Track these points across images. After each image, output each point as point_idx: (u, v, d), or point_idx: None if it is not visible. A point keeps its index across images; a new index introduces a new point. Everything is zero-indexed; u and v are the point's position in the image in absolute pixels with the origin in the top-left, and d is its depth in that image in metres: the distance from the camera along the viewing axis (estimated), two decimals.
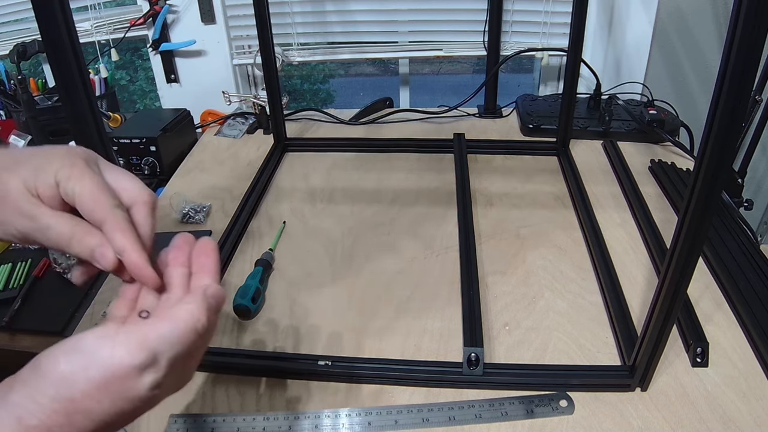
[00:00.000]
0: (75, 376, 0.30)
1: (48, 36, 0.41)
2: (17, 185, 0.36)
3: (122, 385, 0.30)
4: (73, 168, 0.36)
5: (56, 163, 0.36)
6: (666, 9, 1.21)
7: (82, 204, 0.36)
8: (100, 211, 0.36)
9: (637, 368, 0.60)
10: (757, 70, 0.43)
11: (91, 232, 0.36)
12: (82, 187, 0.36)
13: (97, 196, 0.36)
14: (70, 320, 0.75)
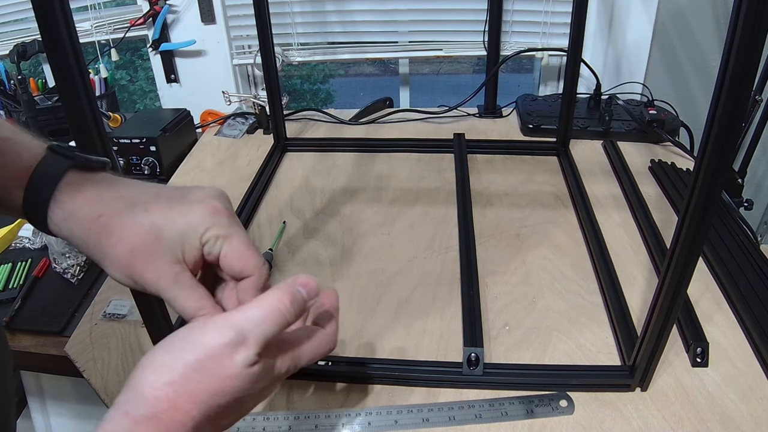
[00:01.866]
0: (172, 362, 0.32)
1: (48, 36, 0.41)
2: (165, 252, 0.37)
3: (217, 363, 0.32)
4: (220, 228, 0.38)
5: (200, 225, 0.38)
6: (666, 9, 1.21)
7: (227, 263, 0.39)
8: (247, 268, 0.39)
9: (637, 368, 0.60)
10: (757, 70, 0.43)
11: (191, 295, 0.38)
12: (230, 248, 0.39)
13: (243, 254, 0.39)
14: (70, 320, 0.75)
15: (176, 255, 0.37)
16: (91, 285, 0.82)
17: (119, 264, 0.37)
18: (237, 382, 0.32)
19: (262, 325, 0.33)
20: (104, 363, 0.67)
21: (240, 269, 0.39)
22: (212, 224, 0.38)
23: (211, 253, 0.38)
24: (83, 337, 0.71)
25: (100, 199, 0.37)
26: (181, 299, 0.37)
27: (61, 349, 0.69)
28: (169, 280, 0.37)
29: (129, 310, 0.74)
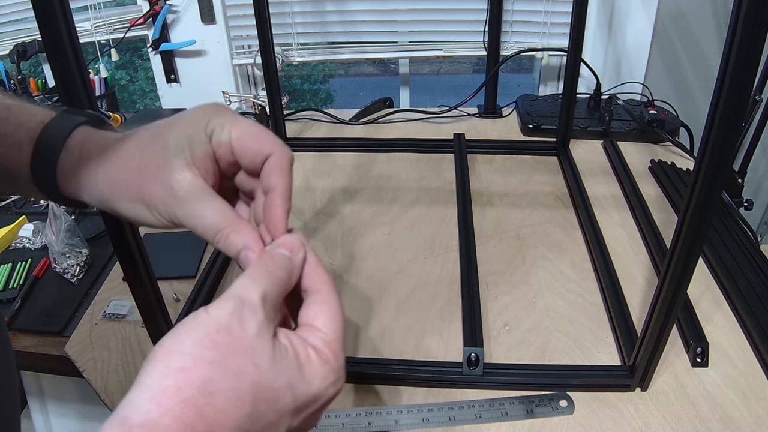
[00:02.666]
0: (180, 344, 0.26)
1: (48, 36, 0.41)
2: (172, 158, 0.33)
3: (228, 335, 0.27)
4: (224, 115, 0.35)
5: (203, 117, 0.34)
6: (666, 9, 1.21)
7: (242, 145, 0.34)
8: (265, 146, 0.34)
9: (637, 368, 0.60)
10: (757, 70, 0.43)
11: (238, 230, 0.34)
12: (240, 129, 0.34)
13: (257, 134, 0.34)
14: (70, 320, 0.75)
15: (185, 158, 0.33)
16: (91, 285, 0.82)
17: (130, 192, 0.34)
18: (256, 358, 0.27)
19: (257, 286, 0.29)
20: (104, 363, 0.67)
21: (257, 149, 0.34)
22: (215, 114, 0.35)
23: (220, 143, 0.34)
24: (83, 337, 0.71)
25: (106, 138, 0.36)
26: (198, 211, 0.33)
27: (61, 349, 0.69)
28: (182, 190, 0.33)
29: (129, 310, 0.74)
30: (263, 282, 0.30)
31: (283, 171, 0.34)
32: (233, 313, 0.28)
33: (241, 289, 0.29)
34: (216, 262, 0.81)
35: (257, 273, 0.31)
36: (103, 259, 0.86)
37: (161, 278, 0.74)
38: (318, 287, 0.33)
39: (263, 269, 0.31)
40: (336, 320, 0.32)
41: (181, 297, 0.76)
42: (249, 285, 0.30)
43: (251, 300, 0.29)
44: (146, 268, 0.56)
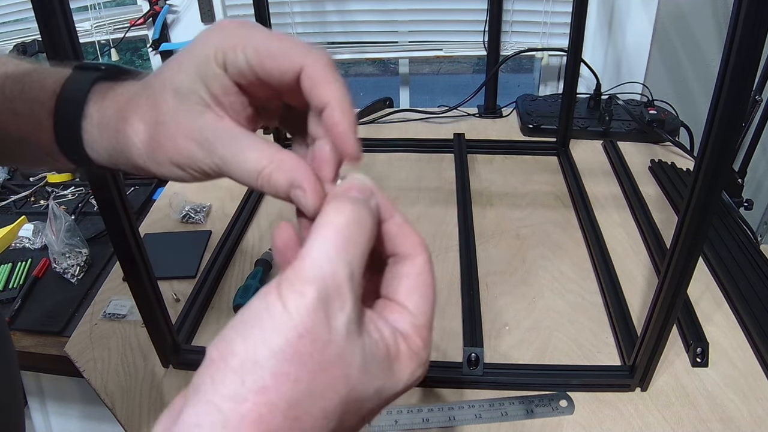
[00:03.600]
0: (257, 355, 0.20)
1: (48, 36, 0.41)
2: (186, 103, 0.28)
3: (313, 343, 0.21)
4: (231, 37, 0.28)
5: (208, 47, 0.28)
6: (666, 9, 1.21)
7: (263, 67, 0.27)
8: (290, 60, 0.27)
9: (637, 368, 0.60)
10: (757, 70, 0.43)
11: (281, 166, 0.28)
12: (253, 48, 0.27)
13: (277, 47, 0.27)
14: (70, 320, 0.75)
15: (202, 98, 0.28)
16: (91, 285, 0.82)
17: (151, 151, 0.30)
18: (345, 368, 0.22)
19: (341, 258, 0.22)
20: (104, 363, 0.67)
21: (281, 67, 0.27)
22: (222, 37, 0.28)
23: (239, 71, 0.28)
24: (83, 337, 0.71)
25: (123, 94, 0.31)
26: (230, 156, 0.28)
27: (61, 349, 0.69)
28: (207, 138, 0.28)
29: (129, 310, 0.74)
30: (349, 248, 0.23)
31: (327, 80, 0.27)
32: (317, 307, 0.21)
33: (321, 263, 0.22)
34: (216, 262, 0.81)
35: (338, 234, 0.23)
36: (103, 259, 0.86)
37: (161, 278, 0.74)
38: (411, 252, 0.26)
39: (343, 225, 0.23)
40: (430, 299, 0.26)
41: (181, 297, 0.76)
42: (332, 256, 0.22)
43: (338, 282, 0.22)
44: (146, 268, 0.56)
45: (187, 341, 0.69)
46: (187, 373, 0.65)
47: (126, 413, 0.61)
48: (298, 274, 0.22)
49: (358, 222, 0.23)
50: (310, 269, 0.22)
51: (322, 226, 0.23)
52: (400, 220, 0.26)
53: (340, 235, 0.23)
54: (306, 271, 0.22)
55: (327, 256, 0.22)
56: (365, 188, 0.26)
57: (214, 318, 0.73)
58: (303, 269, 0.22)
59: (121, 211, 0.50)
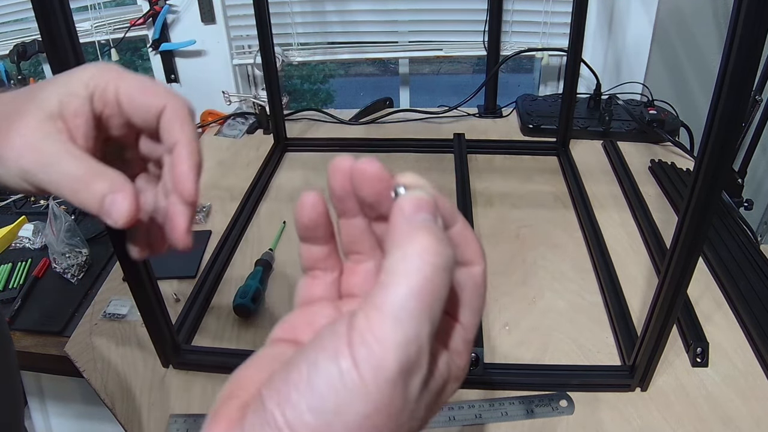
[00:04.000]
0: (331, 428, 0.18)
1: (48, 36, 0.41)
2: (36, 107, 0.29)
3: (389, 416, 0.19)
4: (111, 72, 0.30)
5: (85, 73, 0.30)
6: (666, 9, 1.21)
7: (130, 100, 0.30)
8: (156, 100, 0.30)
9: (637, 368, 0.60)
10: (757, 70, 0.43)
11: (102, 174, 0.29)
12: (126, 84, 0.30)
13: (146, 86, 0.30)
14: (70, 320, 0.75)
15: (49, 108, 0.29)
16: (91, 285, 0.82)
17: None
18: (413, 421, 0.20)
19: (423, 312, 0.19)
20: (104, 363, 0.67)
21: (147, 103, 0.30)
22: (100, 71, 0.30)
23: (106, 101, 0.30)
24: (83, 337, 0.71)
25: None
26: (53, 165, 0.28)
27: (61, 349, 0.69)
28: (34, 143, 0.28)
29: (129, 310, 0.74)
30: (434, 302, 0.19)
31: (183, 122, 0.30)
32: (397, 379, 0.18)
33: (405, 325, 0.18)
34: (216, 262, 0.81)
35: (424, 286, 0.19)
36: (103, 259, 0.86)
37: (161, 278, 0.74)
38: (471, 259, 0.23)
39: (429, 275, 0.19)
40: (481, 312, 0.24)
41: (181, 297, 0.76)
42: (417, 314, 0.18)
43: (420, 345, 0.19)
44: (146, 268, 0.56)
45: (187, 341, 0.69)
46: (187, 373, 0.65)
47: (126, 413, 0.61)
48: (376, 335, 0.18)
49: (444, 268, 0.19)
50: (391, 332, 0.18)
51: (405, 275, 0.19)
52: (461, 226, 0.23)
53: (426, 286, 0.19)
54: (386, 333, 0.18)
55: (410, 314, 0.18)
56: (432, 204, 0.21)
57: (214, 318, 0.73)
58: (383, 330, 0.18)
59: None
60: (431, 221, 0.20)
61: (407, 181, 0.23)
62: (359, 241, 0.25)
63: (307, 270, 0.26)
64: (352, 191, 0.23)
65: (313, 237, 0.25)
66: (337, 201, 0.24)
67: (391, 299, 0.18)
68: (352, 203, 0.24)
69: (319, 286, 0.26)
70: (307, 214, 0.24)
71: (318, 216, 0.24)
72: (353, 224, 0.25)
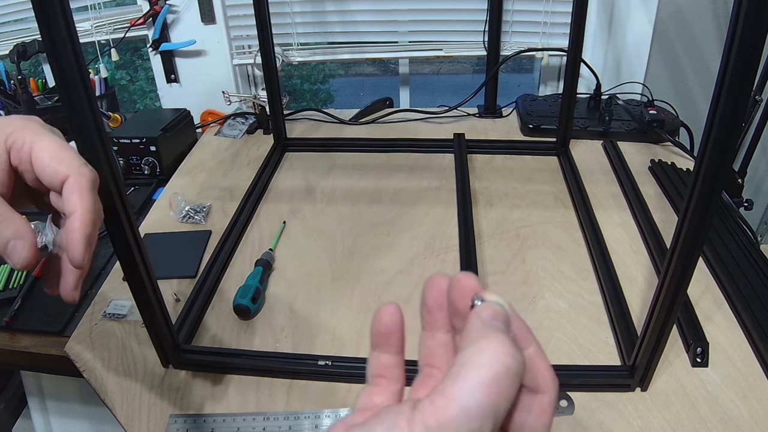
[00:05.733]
0: None
1: (48, 36, 0.41)
2: None
3: None
4: (29, 130, 0.34)
5: (6, 126, 0.33)
6: (666, 9, 1.21)
7: (40, 164, 0.33)
8: (63, 168, 0.33)
9: (637, 368, 0.60)
10: (757, 70, 0.43)
11: (10, 220, 0.32)
12: (39, 148, 0.33)
13: (56, 153, 0.33)
14: (70, 320, 0.75)
15: None
16: (91, 285, 0.82)
17: None
18: None
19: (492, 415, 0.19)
20: (104, 363, 0.67)
21: (53, 170, 0.33)
22: (21, 127, 0.34)
23: (21, 159, 0.33)
24: (83, 337, 0.71)
25: None
26: None
27: (61, 349, 0.69)
28: None
29: (129, 310, 0.74)
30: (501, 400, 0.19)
31: (82, 193, 0.33)
32: None
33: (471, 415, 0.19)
34: (216, 262, 0.81)
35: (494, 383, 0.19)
36: (103, 259, 0.86)
37: (161, 278, 0.74)
38: (541, 388, 0.23)
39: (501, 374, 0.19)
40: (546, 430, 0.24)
41: (181, 297, 0.76)
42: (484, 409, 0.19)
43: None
44: (146, 268, 0.56)
45: (187, 341, 0.69)
46: (187, 373, 0.65)
47: (126, 413, 0.61)
48: (438, 418, 0.19)
49: (514, 373, 0.20)
50: (455, 417, 0.18)
51: (477, 367, 0.19)
52: (534, 350, 0.24)
53: (497, 384, 0.19)
54: (450, 418, 0.19)
55: (478, 405, 0.19)
56: (507, 316, 0.22)
57: (214, 318, 0.73)
58: (447, 415, 0.19)
59: (121, 211, 0.50)
60: (504, 329, 0.21)
61: (487, 296, 0.23)
62: (437, 355, 0.25)
63: (373, 377, 0.27)
64: (445, 305, 0.25)
65: (386, 344, 0.26)
66: (428, 313, 0.25)
67: (459, 387, 0.19)
68: (441, 316, 0.25)
69: (382, 395, 0.26)
70: (385, 321, 0.25)
71: (395, 325, 0.26)
72: (435, 337, 0.25)
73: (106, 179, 0.48)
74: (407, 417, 0.19)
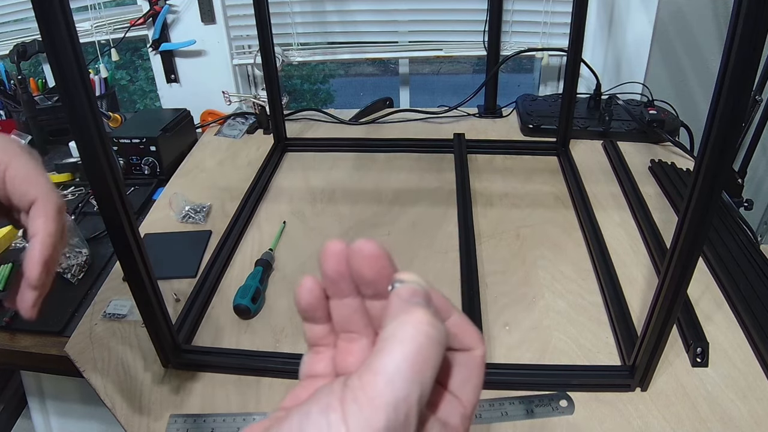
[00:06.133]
0: None
1: (48, 36, 0.41)
2: None
3: None
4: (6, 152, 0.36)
5: None
6: (666, 9, 1.21)
7: (12, 185, 0.36)
8: (33, 191, 0.36)
9: (637, 368, 0.60)
10: (757, 70, 0.43)
11: None
12: (13, 169, 0.36)
13: (27, 176, 0.36)
14: (70, 320, 0.75)
15: None
16: (91, 285, 0.82)
17: None
18: None
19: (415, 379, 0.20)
20: (104, 363, 0.67)
21: (23, 192, 0.36)
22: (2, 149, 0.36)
23: None
24: (83, 337, 0.71)
25: None
26: None
27: (61, 349, 0.69)
28: None
29: (129, 310, 0.74)
30: (425, 369, 0.21)
31: (47, 217, 0.36)
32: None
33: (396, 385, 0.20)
34: (216, 262, 0.81)
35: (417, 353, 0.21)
36: (103, 259, 0.86)
37: (161, 278, 0.74)
38: (471, 345, 0.26)
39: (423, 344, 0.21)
40: (479, 391, 0.26)
41: (181, 297, 0.76)
42: (408, 377, 0.20)
43: (409, 406, 0.20)
44: (146, 268, 0.56)
45: (187, 341, 0.69)
46: (187, 373, 0.65)
47: (126, 413, 0.61)
48: (367, 393, 0.20)
49: (436, 342, 0.22)
50: (382, 390, 0.20)
51: (400, 341, 0.21)
52: (457, 317, 0.27)
53: (420, 354, 0.21)
54: (378, 392, 0.20)
55: (403, 377, 0.20)
56: (426, 293, 0.24)
57: (214, 318, 0.73)
58: (375, 389, 0.20)
59: (121, 211, 0.50)
60: (425, 304, 0.23)
61: (404, 277, 0.24)
62: (352, 321, 0.26)
63: (311, 346, 0.28)
64: (346, 272, 0.25)
65: (313, 317, 0.27)
66: (330, 283, 0.25)
67: (384, 362, 0.20)
68: (345, 284, 0.25)
69: (322, 361, 0.27)
70: (305, 298, 0.26)
71: (315, 299, 0.26)
72: (346, 304, 0.26)
73: (107, 179, 0.48)
74: (339, 396, 0.20)
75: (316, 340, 0.27)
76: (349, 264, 0.25)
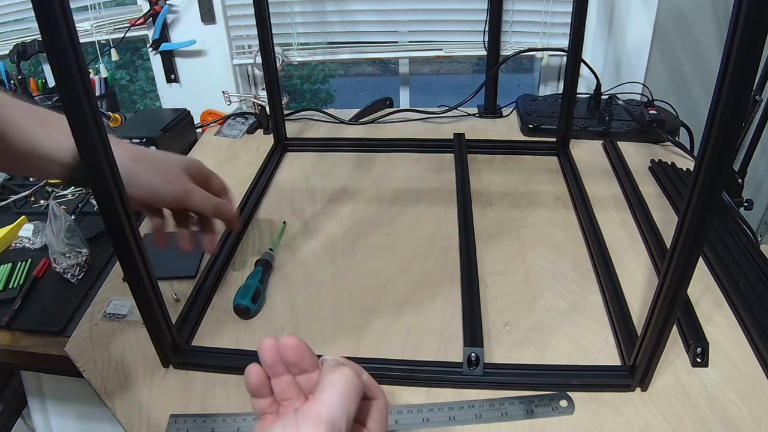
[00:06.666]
0: None
1: (48, 36, 0.41)
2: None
3: None
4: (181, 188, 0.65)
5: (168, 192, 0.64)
6: (666, 9, 1.21)
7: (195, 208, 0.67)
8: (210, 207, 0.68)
9: (637, 368, 0.60)
10: (757, 70, 0.43)
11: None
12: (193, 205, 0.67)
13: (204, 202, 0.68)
14: (70, 320, 0.75)
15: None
16: (91, 285, 0.82)
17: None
18: None
19: (345, 407, 0.35)
20: (104, 363, 0.67)
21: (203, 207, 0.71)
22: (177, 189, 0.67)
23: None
24: (83, 337, 0.71)
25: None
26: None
27: (61, 349, 0.69)
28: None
29: (129, 310, 0.74)
30: (349, 403, 0.35)
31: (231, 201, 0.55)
32: None
33: (332, 410, 0.34)
34: (216, 262, 0.81)
35: (344, 393, 0.35)
36: (103, 259, 0.86)
37: (161, 278, 0.74)
38: (377, 395, 0.41)
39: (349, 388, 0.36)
40: (385, 425, 0.40)
41: (181, 297, 0.76)
42: (340, 406, 0.34)
43: (340, 425, 0.34)
44: (146, 268, 0.56)
45: (187, 341, 0.69)
46: (187, 373, 0.65)
47: (126, 413, 0.61)
48: (314, 414, 0.33)
49: (356, 387, 0.37)
50: (324, 412, 0.34)
51: (333, 385, 0.35)
52: (367, 377, 0.40)
53: (346, 393, 0.35)
54: (321, 413, 0.33)
55: (337, 405, 0.34)
56: (345, 361, 0.40)
57: (214, 318, 0.73)
58: (319, 412, 0.33)
59: (121, 211, 0.50)
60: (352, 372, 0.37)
61: (327, 356, 0.40)
62: (288, 391, 0.41)
63: (260, 415, 0.41)
64: (279, 359, 0.40)
65: (260, 393, 0.40)
66: (269, 367, 0.40)
67: (324, 396, 0.35)
68: (279, 367, 0.40)
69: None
70: (254, 380, 0.40)
71: (261, 380, 0.40)
72: (282, 380, 0.41)
73: (107, 179, 0.48)
74: (293, 417, 0.34)
75: (263, 410, 0.41)
76: (279, 353, 0.39)
